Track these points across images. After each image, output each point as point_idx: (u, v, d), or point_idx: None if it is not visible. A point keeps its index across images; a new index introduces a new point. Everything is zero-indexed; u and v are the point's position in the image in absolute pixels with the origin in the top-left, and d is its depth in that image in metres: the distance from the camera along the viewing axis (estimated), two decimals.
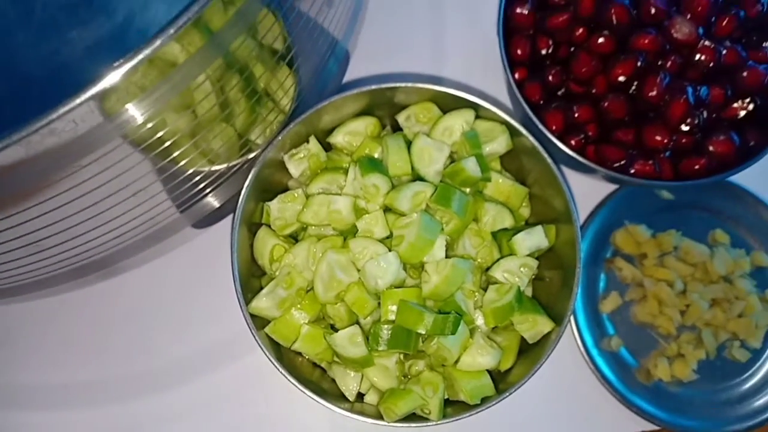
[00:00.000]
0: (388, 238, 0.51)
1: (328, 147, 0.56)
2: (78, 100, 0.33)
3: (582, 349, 0.61)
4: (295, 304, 0.50)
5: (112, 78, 0.34)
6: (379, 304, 0.50)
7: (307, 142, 0.54)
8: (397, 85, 0.54)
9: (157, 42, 0.34)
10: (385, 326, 0.48)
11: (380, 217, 0.50)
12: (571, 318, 0.61)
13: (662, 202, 0.65)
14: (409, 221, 0.49)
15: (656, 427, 0.61)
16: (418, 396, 0.49)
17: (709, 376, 0.61)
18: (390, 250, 0.49)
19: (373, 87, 0.53)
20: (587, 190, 0.65)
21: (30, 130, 0.33)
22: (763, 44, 0.57)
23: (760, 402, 0.62)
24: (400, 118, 0.56)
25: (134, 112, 0.38)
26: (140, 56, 0.34)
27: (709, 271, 0.63)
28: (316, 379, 0.53)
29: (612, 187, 0.65)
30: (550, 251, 0.56)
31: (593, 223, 0.64)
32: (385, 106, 0.57)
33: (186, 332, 0.62)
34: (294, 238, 0.55)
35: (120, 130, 0.38)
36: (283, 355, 0.52)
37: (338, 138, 0.55)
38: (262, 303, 0.50)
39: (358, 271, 0.49)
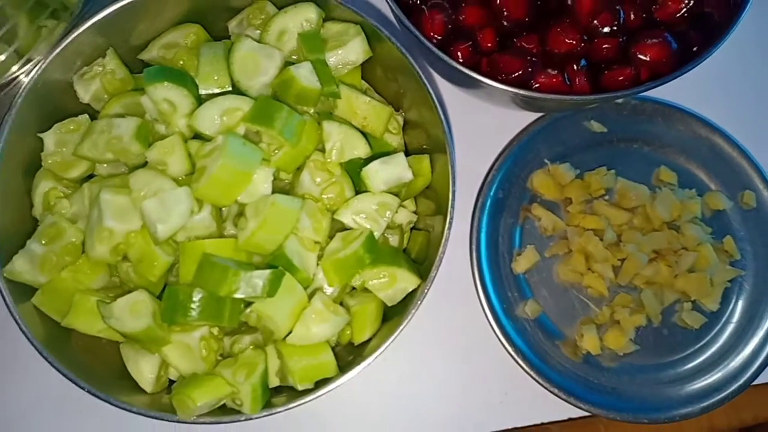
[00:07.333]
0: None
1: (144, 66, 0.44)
2: None
3: (490, 317, 0.50)
4: (66, 265, 0.38)
5: None
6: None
7: (103, 56, 0.41)
8: None
9: None
10: (187, 289, 0.35)
11: (177, 144, 0.37)
12: (477, 281, 0.51)
13: (591, 135, 0.54)
14: (213, 147, 0.36)
15: (586, 413, 0.50)
16: (224, 383, 0.36)
17: (652, 347, 0.52)
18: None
19: None
20: (500, 123, 0.54)
21: None
22: None
23: (715, 377, 0.51)
24: (231, 26, 0.45)
25: None
26: None
27: (651, 216, 0.52)
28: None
29: (531, 117, 0.54)
30: (429, 191, 0.44)
31: (505, 163, 0.54)
32: (219, 11, 0.45)
33: None
34: None
35: None
36: (66, 334, 0.39)
37: (153, 53, 0.44)
38: (18, 265, 0.37)
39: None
